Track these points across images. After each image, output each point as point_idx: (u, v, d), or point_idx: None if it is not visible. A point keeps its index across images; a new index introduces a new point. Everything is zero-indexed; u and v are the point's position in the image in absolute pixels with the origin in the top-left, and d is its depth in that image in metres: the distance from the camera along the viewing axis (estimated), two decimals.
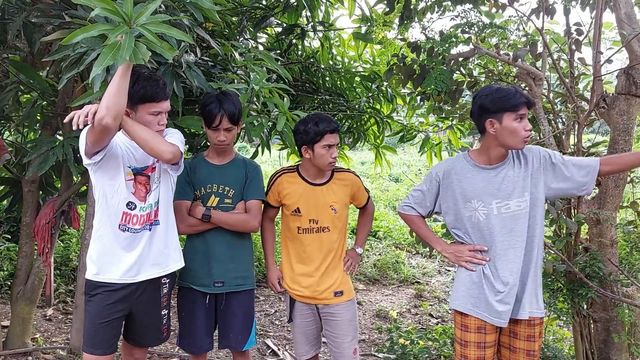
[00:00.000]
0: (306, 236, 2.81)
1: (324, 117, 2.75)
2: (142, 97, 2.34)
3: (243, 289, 2.79)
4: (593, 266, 3.09)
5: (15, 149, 4.13)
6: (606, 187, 3.24)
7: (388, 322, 5.09)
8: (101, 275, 2.46)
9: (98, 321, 2.45)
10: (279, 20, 4.54)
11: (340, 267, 2.85)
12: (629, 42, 3.10)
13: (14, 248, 5.21)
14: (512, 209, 2.40)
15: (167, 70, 2.81)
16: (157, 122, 2.40)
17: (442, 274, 7.03)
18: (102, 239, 2.46)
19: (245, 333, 2.81)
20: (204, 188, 2.74)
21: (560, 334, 4.50)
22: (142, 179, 2.46)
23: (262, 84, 2.89)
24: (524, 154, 2.44)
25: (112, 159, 2.39)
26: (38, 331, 4.28)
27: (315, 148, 2.70)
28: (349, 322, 2.85)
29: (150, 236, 2.49)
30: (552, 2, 3.56)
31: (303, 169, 2.86)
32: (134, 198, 2.44)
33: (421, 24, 3.82)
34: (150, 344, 2.74)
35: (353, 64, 5.13)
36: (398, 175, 15.15)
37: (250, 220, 2.74)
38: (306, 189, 2.81)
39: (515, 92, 2.33)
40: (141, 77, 2.35)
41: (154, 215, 2.50)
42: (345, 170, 2.93)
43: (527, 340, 2.44)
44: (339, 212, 2.82)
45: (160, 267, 2.54)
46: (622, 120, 3.18)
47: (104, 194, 2.43)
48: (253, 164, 2.85)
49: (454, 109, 4.06)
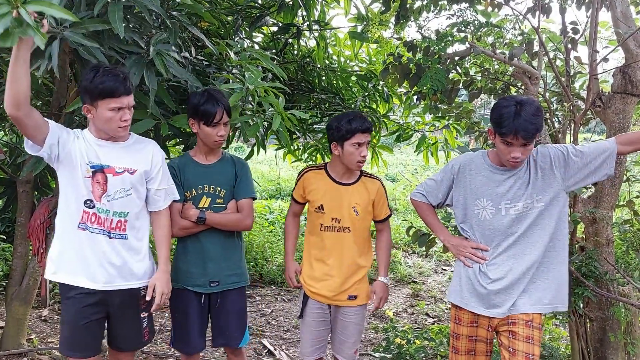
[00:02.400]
0: (327, 234, 2.81)
1: (358, 115, 2.75)
2: (100, 93, 2.25)
3: (237, 287, 2.81)
4: (589, 265, 3.09)
5: (9, 149, 4.10)
6: (602, 186, 3.24)
7: (384, 321, 5.09)
8: (59, 275, 2.40)
9: (75, 324, 2.40)
10: (274, 20, 4.52)
11: (360, 273, 2.83)
12: (624, 41, 3.10)
13: (8, 249, 5.18)
14: (520, 210, 2.40)
15: (137, 60, 2.64)
16: (119, 118, 2.31)
17: (439, 273, 7.03)
18: (61, 238, 2.41)
19: (240, 330, 2.83)
20: (195, 189, 2.72)
21: (556, 333, 4.50)
22: (100, 176, 2.37)
23: (257, 83, 2.87)
24: (539, 156, 2.43)
25: (68, 155, 2.33)
26: (33, 332, 4.26)
27: (345, 145, 2.71)
28: (356, 325, 2.87)
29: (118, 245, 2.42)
30: (548, 1, 3.56)
31: (331, 166, 2.87)
32: (91, 196, 2.37)
33: (417, 23, 3.81)
34: (132, 348, 2.66)
35: (349, 63, 5.11)
36: (394, 175, 15.16)
37: (244, 219, 2.75)
38: (331, 187, 2.82)
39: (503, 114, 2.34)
40: (100, 71, 2.27)
41: (121, 227, 2.42)
42: (374, 177, 2.93)
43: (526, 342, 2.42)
44: (360, 215, 2.81)
45: (134, 279, 2.48)
46: (618, 119, 3.18)
47: (65, 191, 2.38)
48: (241, 161, 2.86)
49: (450, 108, 4.06)
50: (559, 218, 2.42)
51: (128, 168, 2.42)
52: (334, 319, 2.89)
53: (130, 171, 2.43)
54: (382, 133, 5.20)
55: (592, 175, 2.40)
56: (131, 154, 2.46)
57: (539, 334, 2.42)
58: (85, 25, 2.38)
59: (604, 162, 2.38)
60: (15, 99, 2.08)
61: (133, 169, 2.44)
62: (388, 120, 5.01)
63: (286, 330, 4.81)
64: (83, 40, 2.35)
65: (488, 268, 2.46)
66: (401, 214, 10.19)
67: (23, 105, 2.11)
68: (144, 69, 2.61)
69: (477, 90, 3.89)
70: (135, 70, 2.58)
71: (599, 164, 2.38)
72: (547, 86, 3.63)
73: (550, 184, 2.41)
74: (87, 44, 2.37)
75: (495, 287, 2.43)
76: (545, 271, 2.44)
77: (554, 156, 2.41)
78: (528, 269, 2.41)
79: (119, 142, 2.44)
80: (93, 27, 2.41)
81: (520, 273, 2.41)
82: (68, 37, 2.35)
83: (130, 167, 2.43)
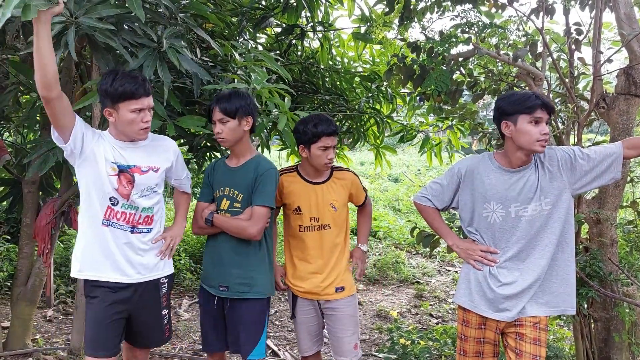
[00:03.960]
0: (307, 234, 2.84)
1: (324, 118, 2.76)
2: (121, 95, 2.30)
3: (247, 297, 2.70)
4: (593, 266, 3.09)
5: (15, 150, 4.12)
6: (606, 187, 3.24)
7: (388, 322, 5.09)
8: (85, 272, 2.45)
9: (99, 323, 2.44)
10: (278, 21, 4.54)
11: (342, 264, 2.88)
12: (628, 42, 3.10)
13: (14, 249, 5.20)
14: (530, 213, 2.40)
15: (149, 53, 2.69)
16: (140, 120, 2.37)
17: (442, 273, 7.03)
18: (85, 234, 2.45)
19: (250, 342, 2.71)
20: (218, 191, 2.76)
21: (560, 334, 4.50)
22: (127, 176, 2.43)
23: (263, 84, 2.89)
24: (546, 158, 2.43)
25: (92, 153, 2.38)
26: (38, 332, 4.28)
27: (312, 148, 2.74)
28: (350, 317, 2.89)
29: (142, 238, 2.50)
30: (551, 2, 3.56)
31: (302, 168, 2.90)
32: (116, 194, 2.42)
33: (421, 24, 3.81)
34: (154, 345, 2.74)
35: (353, 64, 5.13)
36: (398, 176, 15.15)
37: (248, 227, 2.63)
38: (306, 188, 2.85)
39: (531, 96, 2.35)
40: (119, 74, 2.32)
41: (148, 221, 2.52)
42: (344, 170, 2.98)
43: (533, 344, 2.41)
44: (339, 210, 2.86)
45: (158, 270, 2.56)
46: (621, 120, 3.18)
47: (87, 189, 2.42)
48: (265, 167, 2.71)
49: (453, 109, 4.06)
50: (565, 220, 2.42)
51: (152, 166, 2.51)
52: (327, 317, 2.90)
53: (155, 169, 2.52)
54: (385, 134, 5.22)
55: (598, 178, 2.40)
56: (152, 152, 2.54)
57: (545, 335, 2.43)
58: (99, 10, 2.44)
59: (610, 166, 2.38)
60: (45, 79, 2.12)
61: (157, 167, 2.53)
62: (392, 121, 5.02)
63: (290, 330, 4.81)
64: (98, 23, 2.41)
65: (499, 271, 2.45)
66: (404, 214, 10.18)
67: (54, 86, 2.15)
68: (157, 61, 2.66)
69: (481, 92, 3.89)
70: (148, 62, 2.63)
71: (605, 167, 2.38)
72: (550, 87, 3.63)
73: (557, 187, 2.40)
74: (102, 26, 2.42)
75: (505, 291, 2.42)
76: (554, 274, 2.43)
77: (561, 158, 2.41)
78: (539, 275, 2.41)
79: (138, 142, 2.50)
80: (106, 12, 2.47)
81: (531, 280, 2.41)
82: (82, 22, 2.40)
83: (154, 165, 2.52)
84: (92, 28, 2.47)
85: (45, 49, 2.08)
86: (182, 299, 5.40)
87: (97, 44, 2.61)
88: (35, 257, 3.84)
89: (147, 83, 2.38)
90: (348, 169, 3.00)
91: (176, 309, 5.12)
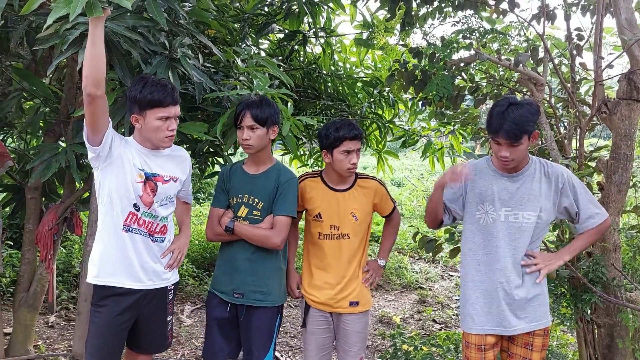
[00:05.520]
0: (326, 242, 2.79)
1: (346, 122, 2.73)
2: (149, 102, 2.34)
3: (262, 305, 2.69)
4: (596, 271, 3.08)
5: (18, 156, 4.13)
6: (609, 192, 3.23)
7: (391, 327, 5.08)
8: (102, 278, 2.45)
9: (105, 334, 2.45)
10: (280, 27, 4.55)
11: (359, 277, 2.83)
12: (629, 47, 3.10)
13: (16, 255, 5.21)
14: (520, 220, 2.43)
15: (162, 60, 2.75)
16: (166, 128, 2.40)
17: (446, 279, 7.01)
18: (103, 240, 2.46)
19: (262, 349, 2.72)
20: (236, 197, 2.72)
21: (564, 340, 4.48)
22: (151, 184, 2.46)
23: (265, 89, 2.90)
24: (551, 172, 2.47)
25: (119, 158, 2.39)
26: (40, 338, 4.28)
27: (334, 153, 2.71)
28: (358, 333, 2.84)
29: (157, 246, 2.53)
30: (552, 8, 3.58)
31: (326, 174, 2.85)
32: (139, 201, 2.43)
33: (422, 29, 3.83)
34: (155, 351, 2.74)
35: (355, 69, 5.13)
36: (400, 180, 15.16)
37: (272, 237, 2.62)
38: (328, 194, 2.80)
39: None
40: (149, 82, 2.36)
41: (164, 230, 2.55)
42: (368, 177, 2.89)
43: (524, 347, 2.47)
44: (360, 220, 2.80)
45: (167, 277, 2.59)
46: (623, 125, 3.18)
47: (110, 194, 2.42)
48: (287, 176, 2.70)
49: (455, 114, 4.07)
50: (540, 238, 2.52)
51: (173, 176, 2.54)
52: (337, 327, 2.87)
53: (174, 179, 2.55)
54: (387, 138, 5.22)
55: (560, 215, 2.54)
56: (172, 162, 2.57)
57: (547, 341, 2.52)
58: (126, 20, 2.54)
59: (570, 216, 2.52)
60: (97, 76, 2.14)
61: (176, 177, 2.56)
62: (394, 126, 5.03)
63: (293, 336, 4.81)
64: (126, 32, 2.49)
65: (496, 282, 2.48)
66: (407, 219, 10.16)
67: (102, 84, 2.19)
68: (169, 69, 2.71)
69: (482, 97, 3.90)
70: (161, 70, 2.68)
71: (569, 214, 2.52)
72: (552, 92, 3.63)
73: (549, 203, 2.46)
74: (131, 36, 2.52)
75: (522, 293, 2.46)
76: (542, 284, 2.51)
77: (566, 184, 2.46)
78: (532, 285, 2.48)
79: (161, 151, 2.52)
80: (133, 22, 2.56)
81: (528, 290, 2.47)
82: (112, 29, 2.46)
83: (174, 176, 2.56)
84: (116, 34, 2.55)
85: (100, 47, 2.13)
86: (185, 305, 5.40)
87: (117, 49, 2.66)
88: (38, 263, 3.84)
89: (176, 92, 2.42)
90: (373, 177, 2.91)
91: (178, 314, 5.11)
